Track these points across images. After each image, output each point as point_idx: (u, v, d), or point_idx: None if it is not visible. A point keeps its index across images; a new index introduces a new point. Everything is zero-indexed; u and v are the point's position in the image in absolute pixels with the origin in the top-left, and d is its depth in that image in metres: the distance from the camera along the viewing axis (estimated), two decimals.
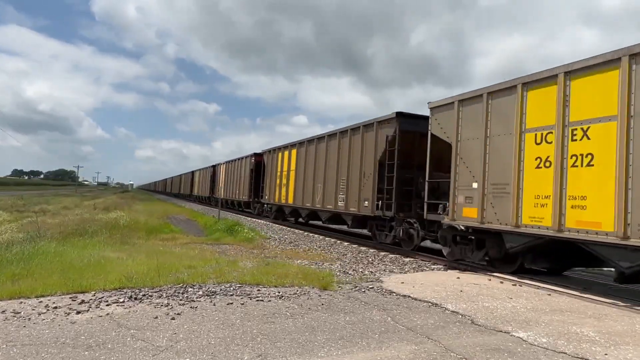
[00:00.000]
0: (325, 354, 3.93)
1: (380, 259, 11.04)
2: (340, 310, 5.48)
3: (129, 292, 5.88)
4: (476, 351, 4.15)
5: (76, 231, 13.88)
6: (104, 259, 8.47)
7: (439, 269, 9.70)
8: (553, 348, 4.35)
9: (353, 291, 6.66)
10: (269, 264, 8.73)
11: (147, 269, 7.34)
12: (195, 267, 7.86)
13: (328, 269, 8.72)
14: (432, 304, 6.07)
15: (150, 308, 5.19)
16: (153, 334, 4.26)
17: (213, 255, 10.12)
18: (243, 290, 6.30)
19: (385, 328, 4.79)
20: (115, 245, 11.27)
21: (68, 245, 10.54)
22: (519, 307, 6.13)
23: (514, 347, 4.35)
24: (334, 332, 4.57)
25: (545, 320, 5.47)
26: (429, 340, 4.42)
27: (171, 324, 4.60)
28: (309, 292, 6.37)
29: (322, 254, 11.46)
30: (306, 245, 13.57)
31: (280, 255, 10.74)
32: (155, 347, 3.91)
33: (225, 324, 4.67)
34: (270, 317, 5.00)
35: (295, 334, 4.42)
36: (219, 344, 4.06)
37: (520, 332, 4.87)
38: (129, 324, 4.53)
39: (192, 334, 4.31)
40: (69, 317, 4.74)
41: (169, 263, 8.07)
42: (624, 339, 4.81)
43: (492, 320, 5.31)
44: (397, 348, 4.15)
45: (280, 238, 15.32)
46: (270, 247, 12.81)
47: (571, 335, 4.82)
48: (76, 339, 4.04)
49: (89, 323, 4.54)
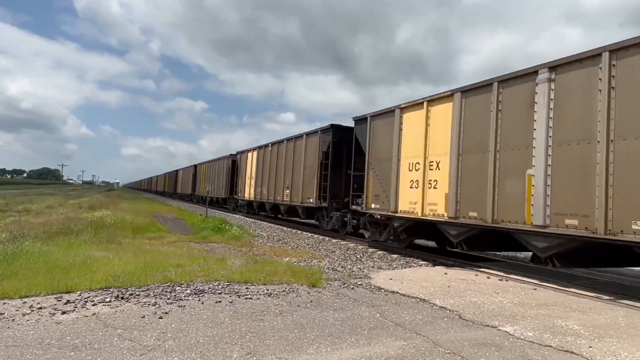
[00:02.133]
0: (314, 350, 3.94)
1: (368, 255, 11.08)
2: (329, 307, 5.49)
3: (115, 291, 5.81)
4: (464, 346, 4.19)
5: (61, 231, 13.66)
6: (89, 259, 8.35)
7: (426, 265, 9.77)
8: (539, 342, 4.41)
9: (342, 288, 6.67)
10: (257, 262, 8.70)
11: (134, 268, 7.26)
12: (183, 265, 7.80)
13: (317, 266, 8.73)
14: (420, 299, 6.11)
15: (137, 307, 5.14)
16: (140, 333, 4.22)
17: (201, 253, 10.05)
18: (231, 288, 6.27)
19: (374, 324, 4.81)
20: (101, 245, 11.12)
21: (53, 245, 10.38)
22: (505, 301, 6.20)
23: (501, 341, 4.40)
24: (323, 329, 4.57)
25: (531, 314, 5.55)
26: (417, 336, 4.45)
27: (159, 323, 4.55)
28: (298, 290, 6.36)
29: (310, 252, 11.46)
30: (294, 242, 13.56)
31: (269, 253, 10.71)
32: (143, 346, 3.88)
33: (213, 323, 4.64)
34: (259, 315, 4.99)
35: (285, 332, 4.42)
36: (207, 342, 4.03)
37: (507, 326, 4.93)
38: (116, 324, 4.48)
39: (180, 332, 4.28)
40: (54, 317, 4.67)
41: (157, 262, 7.99)
42: (608, 331, 4.90)
43: (480, 315, 5.37)
44: (386, 344, 4.17)
45: (269, 236, 15.28)
46: (259, 244, 12.77)
47: (556, 329, 4.90)
48: (61, 340, 3.98)
49: (75, 323, 4.48)
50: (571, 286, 7.50)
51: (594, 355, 4.08)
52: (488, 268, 9.28)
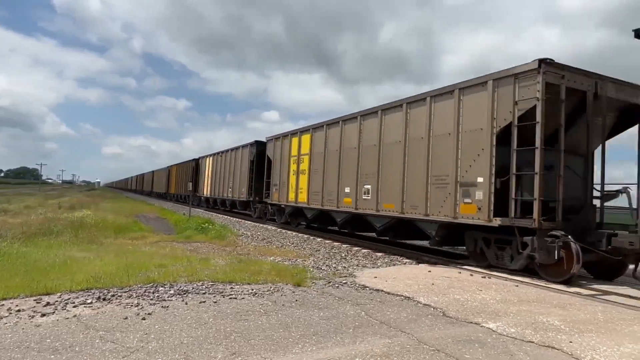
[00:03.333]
0: (299, 350, 3.93)
1: (353, 254, 11.12)
2: (314, 306, 5.48)
3: (97, 292, 5.71)
4: (448, 343, 4.23)
5: (40, 231, 13.40)
6: (70, 259, 8.20)
7: (411, 263, 9.85)
8: (521, 337, 4.48)
9: (327, 287, 6.68)
10: (241, 261, 8.65)
11: (116, 268, 7.16)
12: (166, 265, 7.71)
13: (302, 265, 8.72)
14: (405, 297, 6.15)
15: (119, 308, 5.06)
16: (123, 335, 4.16)
17: (184, 253, 9.95)
18: (216, 288, 6.22)
19: (359, 322, 4.82)
20: (82, 245, 10.94)
21: (32, 246, 10.17)
22: (488, 298, 6.29)
23: (484, 337, 4.45)
24: (308, 327, 4.57)
25: (513, 310, 5.63)
26: (402, 334, 4.47)
27: (142, 324, 4.49)
28: (283, 289, 6.34)
29: (295, 251, 11.45)
30: (279, 242, 13.53)
31: (253, 253, 10.67)
32: (126, 348, 3.82)
33: (198, 323, 4.59)
34: (244, 315, 4.96)
35: (269, 331, 4.40)
36: (191, 343, 3.99)
37: (490, 323, 4.99)
38: (98, 326, 4.40)
39: (163, 333, 4.22)
40: (34, 320, 4.57)
41: (139, 262, 7.89)
42: (588, 326, 5.00)
43: (463, 312, 5.42)
44: (371, 342, 4.18)
45: (253, 235, 15.22)
46: (243, 244, 12.71)
47: (538, 325, 4.98)
48: (41, 343, 3.89)
49: (55, 326, 4.39)
50: (552, 283, 7.64)
51: (574, 350, 4.16)
52: (471, 265, 9.38)
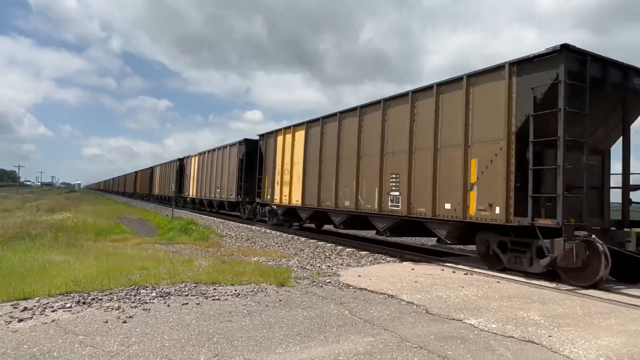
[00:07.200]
0: (283, 350, 3.92)
1: (337, 253, 11.13)
2: (297, 305, 5.48)
3: (76, 296, 5.60)
4: (430, 340, 4.26)
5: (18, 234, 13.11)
6: (48, 263, 8.04)
7: (394, 262, 9.91)
8: (502, 333, 4.55)
9: (310, 286, 6.68)
10: (225, 262, 8.60)
11: (97, 271, 7.04)
12: (148, 268, 7.61)
13: (285, 265, 8.70)
14: (388, 295, 6.19)
15: (100, 312, 4.98)
16: (103, 339, 4.09)
17: (167, 255, 9.83)
18: (199, 289, 6.16)
19: (343, 321, 4.83)
20: (61, 248, 10.73)
21: (8, 250, 9.94)
22: (470, 295, 6.36)
23: (466, 333, 4.51)
24: (292, 327, 4.56)
25: (494, 306, 5.71)
26: (385, 332, 4.50)
27: (123, 328, 4.42)
28: (266, 289, 6.32)
29: (279, 251, 11.42)
30: (263, 242, 13.47)
31: (237, 253, 10.60)
32: (106, 352, 3.76)
33: (180, 325, 4.55)
34: (227, 316, 4.93)
35: (253, 332, 4.38)
36: (173, 345, 3.95)
37: (472, 319, 5.05)
38: (77, 330, 4.32)
39: (145, 337, 4.17)
40: (10, 325, 4.46)
41: (120, 265, 7.77)
42: (566, 321, 5.10)
43: (446, 309, 5.48)
44: (355, 340, 4.20)
45: (237, 235, 15.12)
46: (227, 245, 12.62)
47: (518, 320, 5.06)
48: (18, 349, 3.80)
49: (33, 331, 4.29)
50: (532, 278, 7.77)
51: (554, 344, 4.24)
52: (454, 263, 9.49)
